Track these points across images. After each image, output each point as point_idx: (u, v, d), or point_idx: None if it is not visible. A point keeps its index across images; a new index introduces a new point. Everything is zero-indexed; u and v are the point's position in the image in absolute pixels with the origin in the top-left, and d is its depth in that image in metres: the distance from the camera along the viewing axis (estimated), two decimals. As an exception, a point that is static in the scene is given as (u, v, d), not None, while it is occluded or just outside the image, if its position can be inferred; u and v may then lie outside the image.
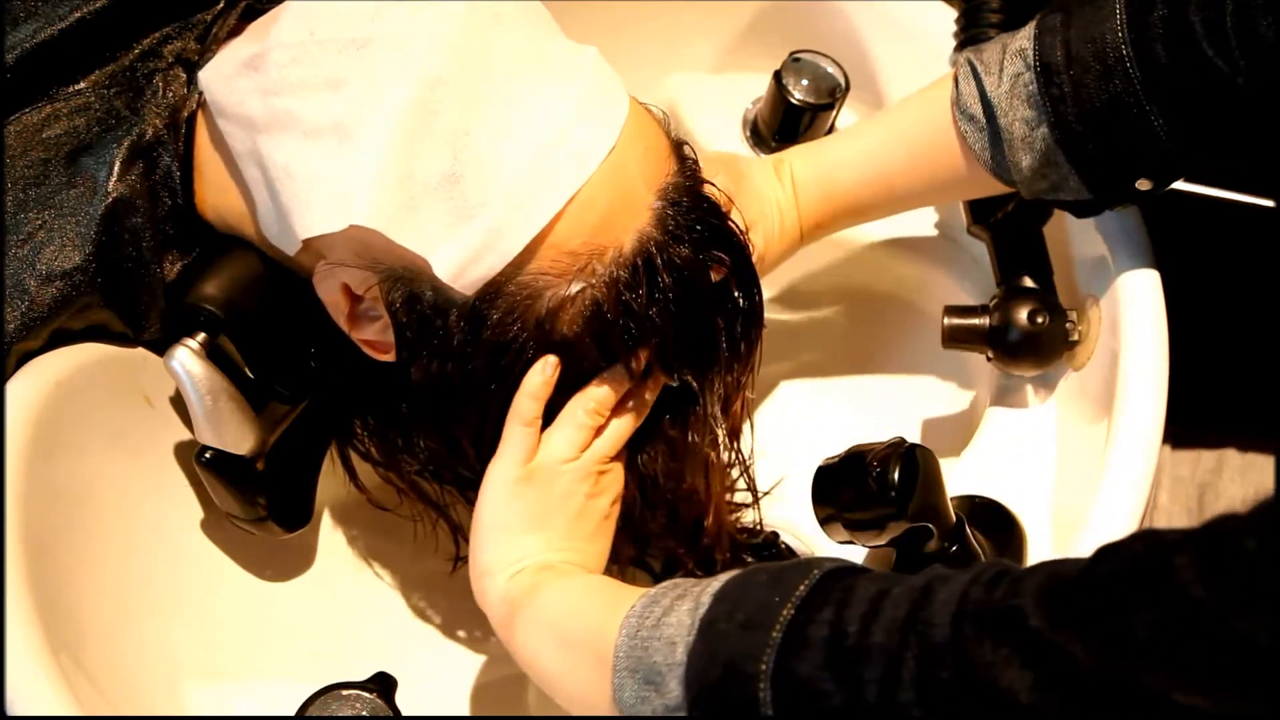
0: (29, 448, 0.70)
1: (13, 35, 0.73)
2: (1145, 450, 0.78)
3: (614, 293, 0.69)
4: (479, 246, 0.67)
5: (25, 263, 0.71)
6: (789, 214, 0.86)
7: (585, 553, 0.74)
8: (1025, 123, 0.78)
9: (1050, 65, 0.77)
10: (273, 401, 0.80)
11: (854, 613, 0.56)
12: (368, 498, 0.87)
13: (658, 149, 0.72)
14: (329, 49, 0.69)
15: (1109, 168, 0.78)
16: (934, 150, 0.84)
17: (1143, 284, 0.85)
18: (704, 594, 0.61)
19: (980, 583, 0.54)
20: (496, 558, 0.72)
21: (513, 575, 0.71)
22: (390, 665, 0.78)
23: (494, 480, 0.73)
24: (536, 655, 0.69)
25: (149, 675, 0.78)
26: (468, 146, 0.67)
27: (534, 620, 0.69)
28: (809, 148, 0.89)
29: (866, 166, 0.86)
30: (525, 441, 0.72)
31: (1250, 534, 0.47)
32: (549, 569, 0.71)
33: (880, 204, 0.87)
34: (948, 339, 0.90)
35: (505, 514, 0.72)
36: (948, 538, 0.77)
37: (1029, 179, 0.80)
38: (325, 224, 0.69)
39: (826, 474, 0.77)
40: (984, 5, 0.93)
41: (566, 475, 0.73)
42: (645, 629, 0.62)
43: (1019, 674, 0.50)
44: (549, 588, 0.70)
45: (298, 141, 0.69)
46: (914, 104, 0.86)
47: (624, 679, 0.61)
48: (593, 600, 0.68)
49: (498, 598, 0.71)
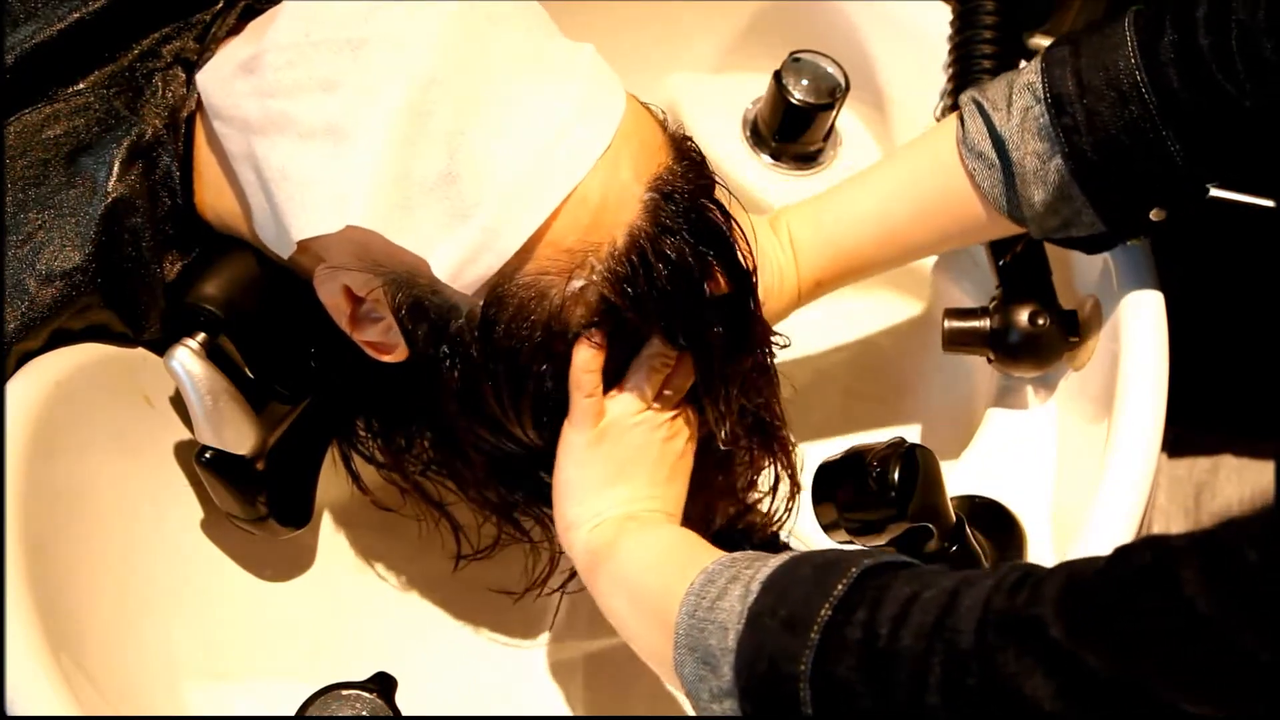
0: (29, 448, 0.70)
1: (12, 36, 0.73)
2: (1145, 450, 0.78)
3: (616, 287, 0.69)
4: (476, 246, 0.67)
5: (25, 263, 0.71)
6: (788, 274, 0.85)
7: (665, 497, 0.75)
8: (1037, 156, 0.78)
9: (1062, 96, 0.77)
10: (273, 401, 0.80)
11: (885, 614, 0.58)
12: (372, 499, 0.87)
13: (652, 143, 0.72)
14: (324, 50, 0.69)
15: (1124, 197, 0.78)
16: (940, 196, 0.83)
17: (1143, 284, 0.85)
18: (754, 580, 0.63)
19: (1003, 589, 0.56)
20: (579, 513, 0.74)
21: (594, 527, 0.73)
22: (390, 665, 0.78)
23: (569, 444, 0.73)
24: (613, 609, 0.72)
25: (149, 675, 0.78)
26: (463, 146, 0.67)
27: (612, 574, 0.71)
28: (807, 206, 0.88)
29: (868, 225, 0.85)
30: (591, 408, 0.72)
31: (1252, 545, 0.48)
32: (631, 519, 0.73)
33: (883, 261, 0.86)
34: (948, 342, 0.90)
35: (584, 472, 0.74)
36: (948, 538, 0.77)
37: (1040, 215, 0.80)
38: (321, 225, 0.68)
39: (826, 474, 0.77)
40: (979, 7, 0.93)
41: (640, 426, 0.74)
42: (702, 609, 0.64)
43: (1042, 682, 0.52)
44: (628, 541, 0.72)
45: (293, 143, 0.69)
46: (916, 150, 0.86)
47: (684, 656, 0.64)
48: (665, 561, 0.70)
49: (581, 549, 0.73)
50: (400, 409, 0.80)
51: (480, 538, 0.86)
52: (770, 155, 1.05)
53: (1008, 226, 0.82)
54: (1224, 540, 0.49)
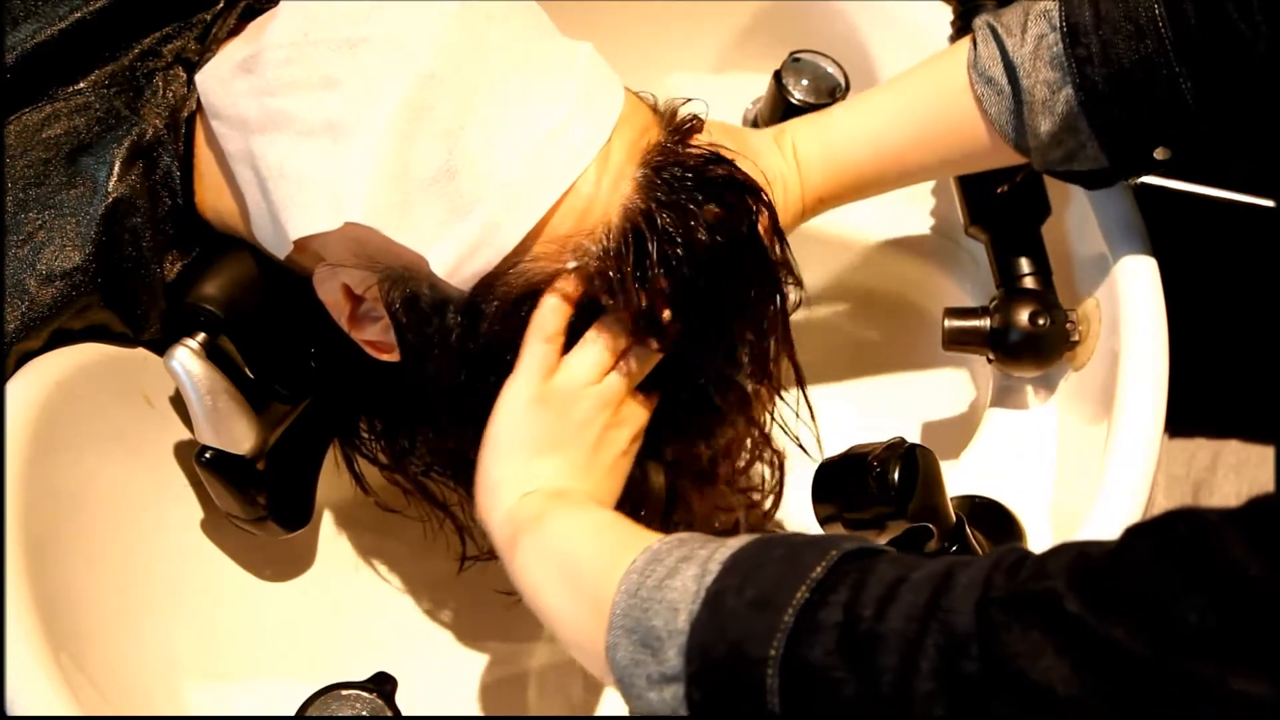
0: (29, 448, 0.70)
1: (13, 35, 0.73)
2: (1145, 450, 0.78)
3: (609, 263, 0.68)
4: (475, 242, 0.67)
5: (25, 263, 0.71)
6: (792, 188, 0.84)
7: (599, 486, 0.71)
8: (1047, 85, 0.77)
9: (1077, 25, 0.76)
10: (273, 401, 0.80)
11: (870, 595, 0.53)
12: (375, 501, 0.87)
13: (641, 124, 0.71)
14: (323, 49, 0.70)
15: (1131, 133, 0.77)
16: (945, 118, 0.82)
17: (1143, 284, 0.85)
18: (712, 560, 0.58)
19: (1002, 568, 0.51)
20: (507, 475, 0.69)
21: (522, 496, 0.69)
22: (390, 665, 0.78)
23: (510, 396, 0.70)
24: (535, 585, 0.66)
25: (149, 675, 0.78)
26: (462, 142, 0.67)
27: (538, 548, 0.66)
28: (812, 120, 0.87)
29: (872, 141, 0.84)
30: (546, 358, 0.69)
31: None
32: (562, 496, 0.69)
33: (886, 178, 0.85)
34: (948, 341, 0.90)
35: (521, 432, 0.70)
36: (948, 538, 0.77)
37: (1045, 145, 0.79)
38: (319, 223, 0.68)
39: (826, 474, 0.77)
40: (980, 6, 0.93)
41: (587, 400, 0.70)
42: (646, 588, 0.59)
43: (1053, 662, 0.47)
44: (559, 516, 0.67)
45: (292, 141, 0.69)
46: (925, 70, 0.84)
47: (618, 637, 0.59)
48: (600, 540, 0.65)
49: (503, 517, 0.69)
50: (401, 409, 0.80)
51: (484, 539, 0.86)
52: (770, 155, 1.05)
53: (1010, 155, 0.81)
54: (1267, 506, 0.46)
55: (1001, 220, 0.91)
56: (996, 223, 0.91)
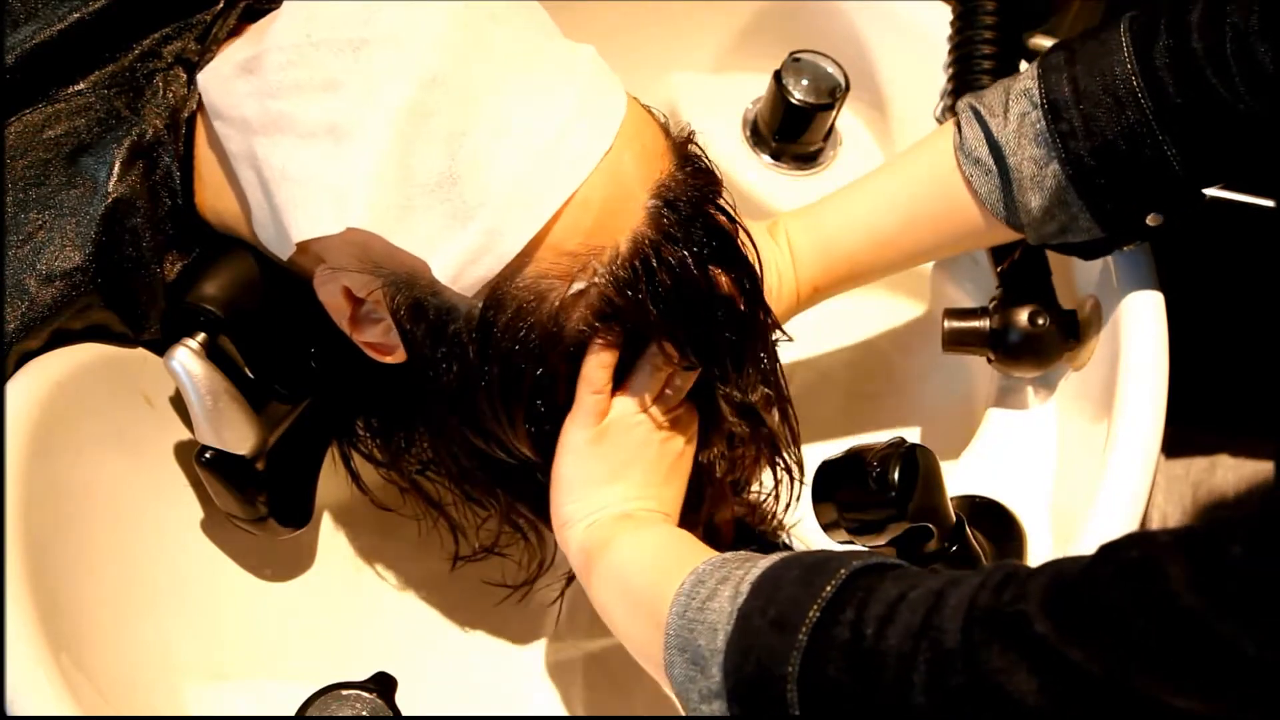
0: (29, 448, 0.70)
1: (12, 36, 0.73)
2: (1145, 450, 0.78)
3: (618, 291, 0.69)
4: (477, 248, 0.67)
5: (25, 263, 0.71)
6: (787, 279, 0.86)
7: (661, 497, 0.75)
8: (1034, 161, 0.78)
9: (1058, 102, 0.77)
10: (273, 401, 0.80)
11: (872, 614, 0.57)
12: (371, 499, 0.87)
13: (654, 147, 0.72)
14: (325, 51, 0.69)
15: (1121, 202, 0.78)
16: (937, 202, 0.83)
17: (1143, 284, 0.85)
18: (744, 581, 0.63)
19: (989, 587, 0.55)
20: (575, 509, 0.74)
21: (589, 525, 0.73)
22: (390, 665, 0.78)
23: (570, 440, 0.73)
24: (606, 607, 0.72)
25: (149, 675, 0.78)
26: (465, 147, 0.67)
27: (606, 573, 0.71)
28: (806, 213, 0.88)
29: (867, 231, 0.85)
30: (597, 405, 0.73)
31: (1237, 540, 0.48)
32: (626, 518, 0.73)
33: (881, 267, 0.87)
34: (948, 342, 0.90)
35: (583, 469, 0.74)
36: (948, 538, 0.77)
37: (1038, 221, 0.80)
38: (321, 226, 0.68)
39: (826, 474, 0.77)
40: (979, 7, 0.93)
41: (641, 426, 0.74)
42: (692, 610, 0.64)
43: (1025, 679, 0.51)
44: (623, 539, 0.72)
45: (294, 143, 0.69)
46: (913, 157, 0.86)
47: (674, 656, 0.64)
48: (658, 561, 0.70)
49: (576, 546, 0.73)
50: (399, 409, 0.80)
51: (478, 538, 0.86)
52: (770, 155, 1.05)
53: (1005, 233, 0.82)
54: (1210, 536, 0.49)
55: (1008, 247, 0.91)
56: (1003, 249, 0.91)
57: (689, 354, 0.72)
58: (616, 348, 0.71)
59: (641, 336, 0.72)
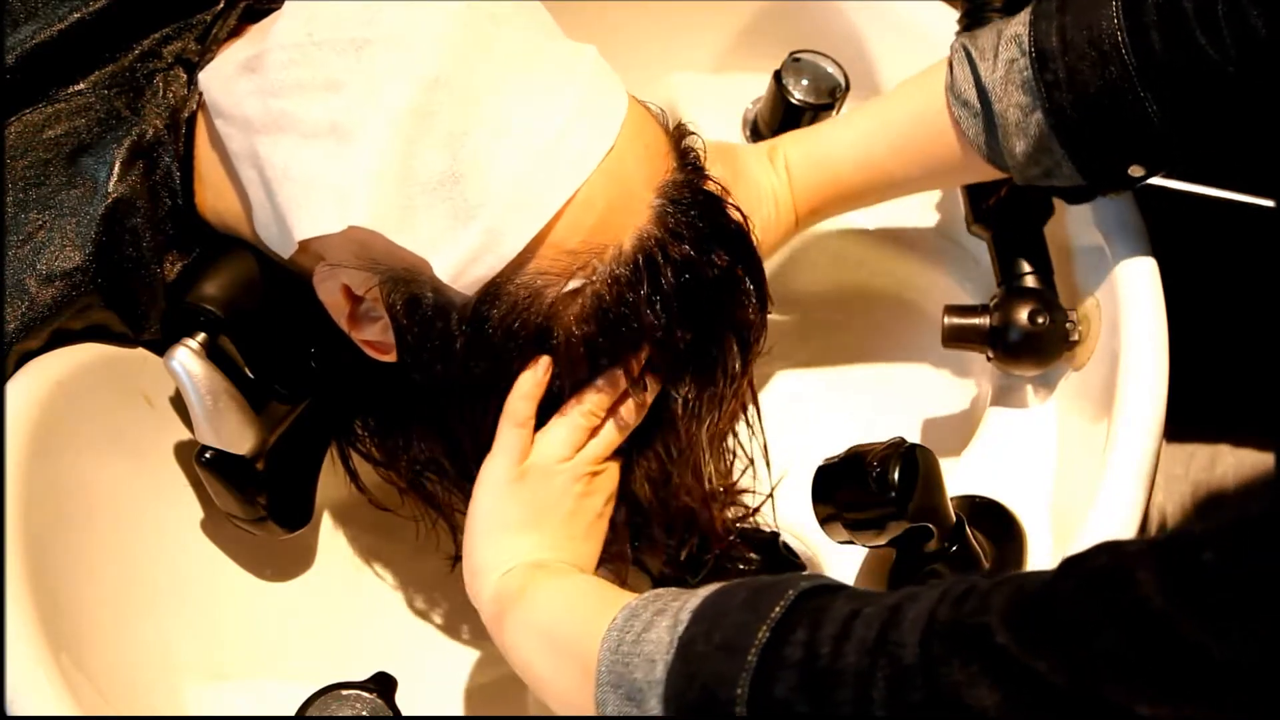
0: (29, 447, 0.70)
1: (13, 36, 0.73)
2: (1145, 450, 0.78)
3: (616, 290, 0.69)
4: (478, 247, 0.67)
5: (25, 263, 0.71)
6: (784, 201, 0.86)
7: (578, 552, 0.74)
8: (1019, 108, 0.79)
9: (1045, 51, 0.77)
10: (273, 401, 0.80)
11: (826, 634, 0.56)
12: (369, 499, 0.87)
13: (656, 146, 0.72)
14: (327, 50, 0.69)
15: (1102, 153, 0.78)
16: (928, 136, 0.84)
17: (1143, 284, 0.85)
18: (683, 610, 0.61)
19: (948, 600, 0.54)
20: (489, 557, 0.72)
21: (504, 574, 0.71)
22: (390, 665, 0.78)
23: (487, 479, 0.73)
24: (524, 656, 0.69)
25: (149, 675, 0.78)
26: (466, 147, 0.67)
27: (523, 621, 0.69)
28: (803, 134, 0.90)
29: (861, 153, 0.86)
30: (518, 442, 0.72)
31: (1208, 546, 0.48)
32: (541, 568, 0.71)
33: (875, 190, 0.88)
34: (948, 339, 0.90)
35: (499, 513, 0.72)
36: (948, 538, 0.77)
37: (1022, 165, 0.81)
38: (323, 225, 0.68)
39: (826, 474, 0.77)
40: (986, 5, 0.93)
41: (561, 475, 0.73)
42: (626, 644, 0.62)
43: (987, 691, 0.50)
44: (539, 588, 0.70)
45: (296, 143, 0.69)
46: (908, 90, 0.86)
47: (606, 694, 0.62)
48: (580, 605, 0.68)
49: (489, 596, 0.71)
50: (398, 410, 0.80)
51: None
52: (770, 155, 1.05)
53: (991, 171, 0.83)
54: (1180, 542, 0.49)
55: (1004, 219, 0.91)
56: (999, 222, 0.91)
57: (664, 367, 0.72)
58: (544, 381, 0.71)
59: (575, 377, 0.71)
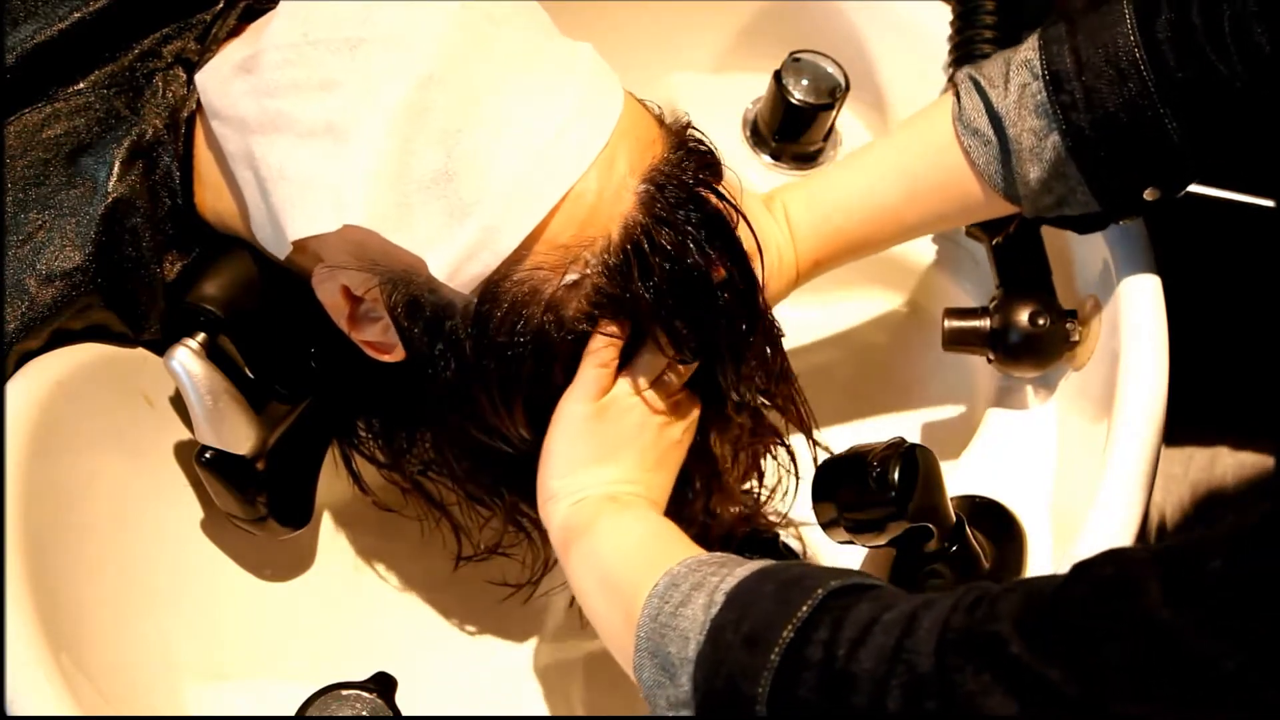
0: (29, 447, 0.70)
1: (12, 35, 0.73)
2: (1145, 450, 0.78)
3: (611, 279, 0.69)
4: (473, 244, 0.67)
5: (25, 263, 0.71)
6: (786, 253, 0.84)
7: (650, 483, 0.74)
8: (1034, 133, 0.78)
9: (1060, 73, 0.77)
10: (273, 401, 0.80)
11: (845, 636, 0.57)
12: (372, 500, 0.87)
13: (647, 137, 0.72)
14: (322, 50, 0.69)
15: (1120, 175, 0.78)
16: (934, 172, 0.82)
17: (1143, 284, 0.85)
18: (718, 590, 0.62)
19: (961, 608, 0.54)
20: (562, 485, 0.73)
21: (575, 503, 0.72)
22: (390, 665, 0.78)
23: (566, 413, 0.72)
24: (582, 587, 0.71)
25: (149, 675, 0.78)
26: (461, 144, 0.67)
27: (585, 553, 0.70)
28: (803, 185, 0.87)
29: (864, 204, 0.84)
30: (599, 379, 0.72)
31: (1215, 555, 0.48)
32: (612, 499, 0.72)
33: (880, 240, 0.86)
34: (948, 341, 0.90)
35: (575, 445, 0.73)
36: (948, 538, 0.78)
37: (1035, 193, 0.80)
38: (319, 224, 0.68)
39: (826, 474, 0.77)
40: (979, 6, 0.93)
41: (638, 409, 0.73)
42: (664, 614, 0.63)
43: (1001, 701, 0.51)
44: (605, 523, 0.71)
45: (291, 142, 0.69)
46: (911, 127, 0.85)
47: (644, 659, 0.63)
48: (636, 553, 0.69)
49: (559, 523, 0.72)
50: (400, 409, 0.80)
51: (481, 538, 0.86)
52: (770, 155, 1.05)
53: (1002, 205, 0.82)
54: (1186, 551, 0.49)
55: (1002, 221, 0.91)
56: (997, 224, 0.91)
57: (683, 345, 0.72)
58: (625, 328, 0.71)
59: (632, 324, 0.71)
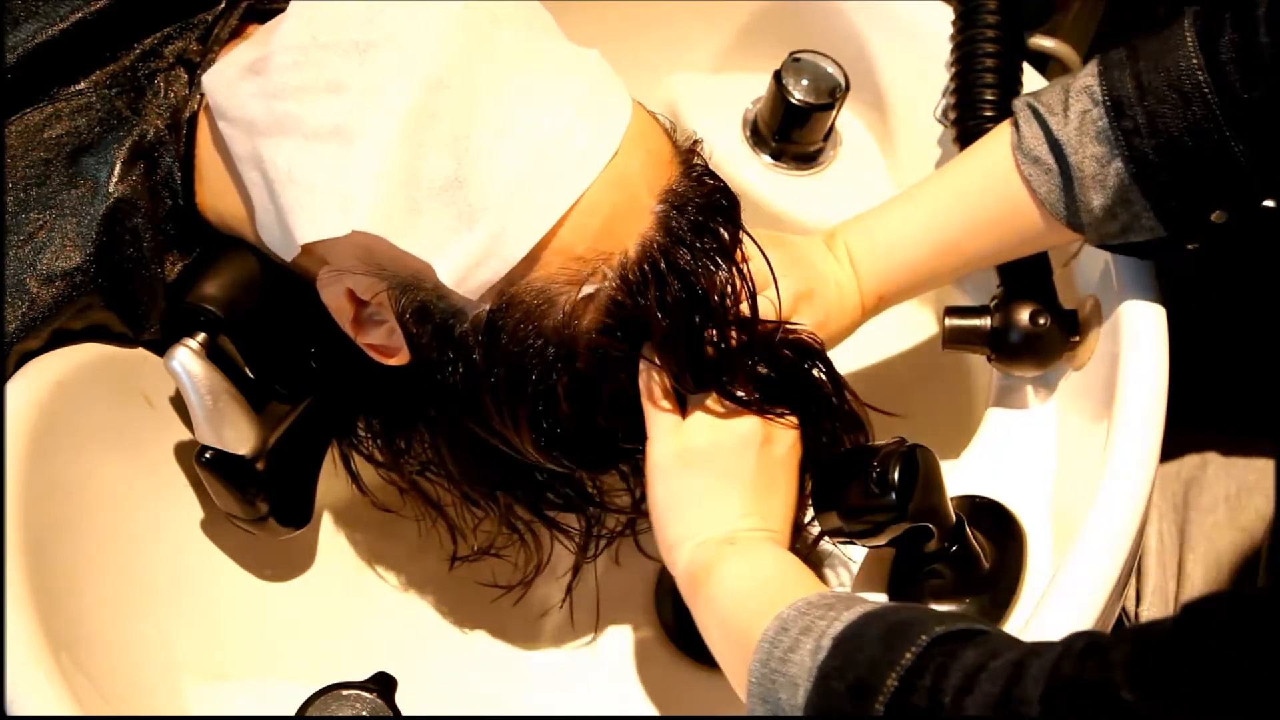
0: (29, 447, 0.70)
1: (13, 35, 0.73)
2: (1145, 450, 0.78)
3: (627, 294, 0.69)
4: (482, 251, 0.67)
5: (26, 263, 0.71)
6: (849, 291, 0.84)
7: (766, 511, 0.73)
8: (1096, 160, 0.77)
9: (1121, 99, 0.76)
10: (273, 401, 0.80)
11: (950, 684, 0.56)
12: (371, 500, 0.87)
13: (660, 153, 0.72)
14: (331, 52, 0.69)
15: (1186, 199, 0.77)
16: (995, 204, 0.82)
17: (1143, 284, 0.85)
18: (825, 636, 0.62)
19: (1071, 656, 0.54)
20: (679, 532, 0.73)
21: (698, 545, 0.72)
22: (390, 665, 0.78)
23: (654, 462, 0.73)
24: (709, 634, 0.71)
25: (149, 675, 0.78)
26: (469, 151, 0.67)
27: (706, 602, 0.71)
28: (862, 222, 0.87)
29: (925, 237, 0.84)
30: (671, 420, 0.72)
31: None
32: (730, 543, 0.71)
33: (942, 272, 0.86)
34: (948, 340, 0.90)
35: (680, 491, 0.72)
36: (948, 538, 0.78)
37: (1099, 220, 0.79)
38: (326, 228, 0.68)
39: (826, 474, 0.77)
40: (981, 6, 0.93)
41: (726, 431, 0.73)
42: (774, 660, 0.63)
43: None
44: (721, 569, 0.70)
45: (299, 145, 0.69)
46: (970, 159, 0.85)
47: (755, 704, 0.63)
48: (753, 595, 0.69)
49: (682, 569, 0.72)
50: (400, 411, 0.80)
51: (477, 539, 0.86)
52: (770, 155, 1.05)
53: (1065, 234, 0.81)
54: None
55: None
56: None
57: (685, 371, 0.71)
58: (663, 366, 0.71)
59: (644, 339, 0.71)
